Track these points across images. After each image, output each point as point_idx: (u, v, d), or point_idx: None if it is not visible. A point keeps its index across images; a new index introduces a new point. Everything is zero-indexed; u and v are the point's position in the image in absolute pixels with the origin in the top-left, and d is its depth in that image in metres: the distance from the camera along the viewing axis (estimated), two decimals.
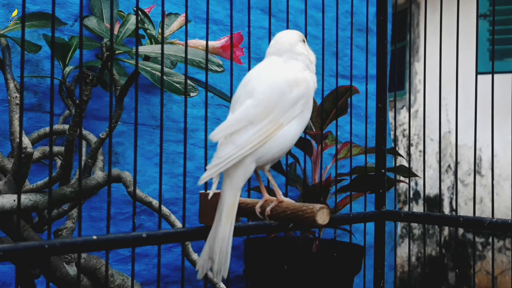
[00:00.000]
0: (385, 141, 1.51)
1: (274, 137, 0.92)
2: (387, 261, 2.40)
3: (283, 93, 0.94)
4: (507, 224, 1.23)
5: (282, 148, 0.94)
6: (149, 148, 1.84)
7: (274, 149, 0.93)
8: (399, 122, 4.77)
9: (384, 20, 1.55)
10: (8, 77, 1.33)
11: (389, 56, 1.72)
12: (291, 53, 1.00)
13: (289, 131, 0.94)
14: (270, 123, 0.92)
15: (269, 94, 0.94)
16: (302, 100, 0.95)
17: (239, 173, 0.92)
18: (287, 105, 0.93)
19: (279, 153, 0.94)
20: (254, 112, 0.92)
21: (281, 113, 0.93)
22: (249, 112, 0.92)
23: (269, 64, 1.00)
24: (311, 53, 1.04)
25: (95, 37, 1.51)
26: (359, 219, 1.42)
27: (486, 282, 3.89)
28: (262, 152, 0.92)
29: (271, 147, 0.92)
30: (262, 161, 0.94)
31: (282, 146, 0.93)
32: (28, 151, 1.17)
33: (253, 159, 0.92)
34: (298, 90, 0.95)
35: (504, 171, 3.80)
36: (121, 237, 0.96)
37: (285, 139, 0.93)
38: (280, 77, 0.96)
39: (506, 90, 1.62)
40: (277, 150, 0.93)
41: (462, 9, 1.41)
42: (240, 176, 0.92)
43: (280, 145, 0.93)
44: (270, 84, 0.95)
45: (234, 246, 2.04)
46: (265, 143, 0.92)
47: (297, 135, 0.96)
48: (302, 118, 0.96)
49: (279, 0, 2.16)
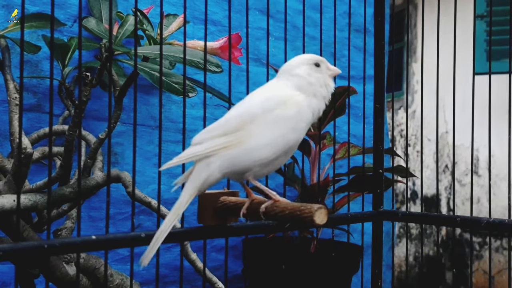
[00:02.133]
0: (383, 142, 1.52)
1: (242, 146, 0.92)
2: (384, 260, 2.40)
3: (265, 109, 0.94)
4: (504, 224, 1.23)
5: (251, 160, 0.93)
6: (148, 149, 1.85)
7: (240, 159, 0.93)
8: (397, 122, 4.78)
9: (382, 21, 1.56)
10: (7, 78, 1.33)
11: (386, 57, 1.73)
12: (286, 75, 1.01)
13: (261, 146, 0.93)
14: (243, 133, 0.93)
15: (251, 107, 0.95)
16: (287, 121, 0.94)
17: (202, 175, 0.94)
18: (266, 121, 0.93)
19: (246, 166, 0.93)
20: (229, 123, 0.95)
21: (257, 127, 0.93)
22: (225, 122, 0.95)
23: (266, 84, 1.03)
24: (316, 76, 1.01)
25: (94, 38, 1.52)
26: (357, 219, 1.42)
27: (484, 282, 3.91)
28: (227, 157, 0.93)
29: (236, 155, 0.93)
30: (230, 169, 0.94)
31: (250, 158, 0.93)
32: (28, 152, 1.17)
33: (219, 164, 0.93)
34: (283, 110, 0.94)
35: (501, 171, 3.81)
36: (120, 237, 0.97)
37: (254, 152, 0.93)
38: (267, 94, 0.98)
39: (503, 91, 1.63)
40: (243, 161, 0.93)
41: (459, 10, 1.42)
42: (202, 179, 0.94)
43: (248, 156, 0.92)
44: (256, 99, 0.97)
45: (232, 246, 2.05)
46: (231, 149, 0.92)
47: (270, 154, 0.94)
48: (282, 138, 0.94)
49: (277, 1, 2.16)
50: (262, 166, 0.94)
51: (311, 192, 1.83)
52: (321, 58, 1.03)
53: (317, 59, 1.02)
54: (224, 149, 0.93)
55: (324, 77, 1.01)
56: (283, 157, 0.97)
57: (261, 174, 0.97)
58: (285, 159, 0.98)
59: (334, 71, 1.04)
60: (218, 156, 0.93)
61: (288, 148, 0.96)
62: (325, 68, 1.03)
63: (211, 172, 0.94)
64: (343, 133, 2.30)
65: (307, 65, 1.01)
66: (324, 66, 1.03)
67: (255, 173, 0.95)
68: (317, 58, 1.03)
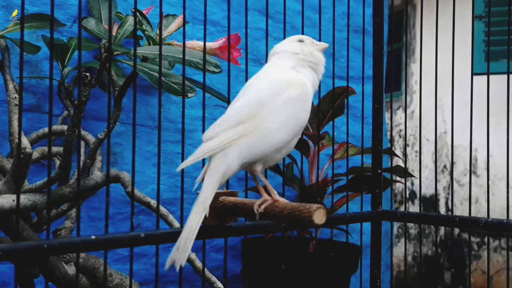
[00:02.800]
0: (381, 142, 1.52)
1: (258, 133, 0.93)
2: (383, 260, 2.41)
3: (273, 93, 0.95)
4: (502, 224, 1.24)
5: (267, 145, 0.93)
6: (147, 149, 1.85)
7: (258, 146, 0.93)
8: (395, 122, 4.79)
9: (381, 22, 1.56)
10: (7, 78, 1.34)
11: (385, 57, 1.73)
12: (277, 54, 1.04)
13: (276, 129, 0.93)
14: (256, 120, 0.93)
15: (259, 94, 0.96)
16: (296, 102, 0.95)
17: (221, 168, 0.93)
18: (276, 105, 0.94)
19: (264, 151, 0.93)
20: (241, 112, 0.95)
21: (269, 112, 0.93)
22: (239, 111, 0.95)
23: (264, 68, 1.04)
24: (300, 48, 1.03)
25: (94, 38, 1.52)
26: (355, 219, 1.43)
27: (482, 282, 3.91)
28: (245, 146, 0.92)
29: (253, 142, 0.93)
30: (248, 159, 0.94)
31: (267, 143, 0.93)
32: (27, 152, 1.17)
33: (237, 154, 0.93)
34: (290, 92, 0.95)
35: (500, 171, 3.81)
36: (119, 237, 0.97)
37: (270, 136, 0.93)
38: (270, 77, 0.99)
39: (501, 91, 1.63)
40: (261, 147, 0.93)
41: (457, 11, 1.42)
42: (221, 171, 0.93)
43: (265, 142, 0.93)
44: (261, 85, 0.98)
45: (231, 246, 2.05)
46: (248, 137, 0.92)
47: (286, 136, 0.95)
48: (294, 119, 0.95)
49: (276, 2, 2.17)
50: (277, 150, 0.95)
51: (310, 192, 1.83)
52: (305, 36, 1.05)
53: (300, 37, 1.05)
54: (241, 138, 0.93)
55: (309, 49, 1.03)
56: (295, 139, 0.98)
57: (276, 160, 0.98)
58: (296, 141, 0.99)
59: (321, 44, 1.06)
60: (234, 146, 0.93)
61: (299, 129, 0.97)
62: (310, 43, 1.05)
63: (230, 163, 0.93)
64: (342, 133, 2.30)
65: (290, 42, 1.04)
66: (308, 41, 1.05)
67: (269, 160, 0.96)
68: (300, 37, 1.05)
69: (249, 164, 0.96)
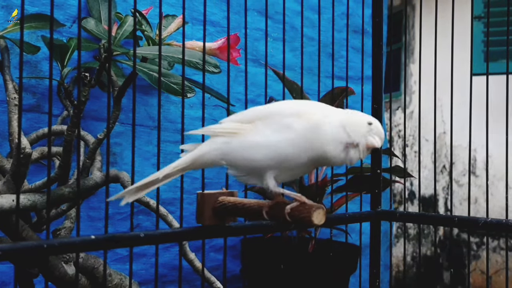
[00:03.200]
0: None
1: (239, 137, 0.92)
2: (382, 260, 2.41)
3: (279, 112, 0.93)
4: (501, 224, 1.24)
5: (237, 154, 0.91)
6: (146, 149, 1.85)
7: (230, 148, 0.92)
8: (395, 123, 4.79)
9: (380, 22, 1.56)
10: (7, 78, 1.34)
11: (384, 58, 1.73)
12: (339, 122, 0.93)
13: (250, 145, 0.91)
14: (247, 126, 0.93)
15: (270, 107, 0.96)
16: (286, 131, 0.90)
17: (203, 148, 0.94)
18: (270, 123, 0.91)
19: (233, 158, 0.92)
20: (248, 114, 0.96)
21: (262, 125, 0.92)
22: (247, 112, 0.96)
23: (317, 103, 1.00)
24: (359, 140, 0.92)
25: (93, 39, 1.52)
26: (355, 219, 1.43)
27: (481, 282, 3.91)
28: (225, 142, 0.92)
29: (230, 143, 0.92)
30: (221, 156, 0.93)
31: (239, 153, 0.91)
32: (27, 152, 1.17)
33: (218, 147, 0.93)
34: (290, 119, 0.90)
35: (499, 171, 3.81)
36: (119, 236, 0.97)
37: (243, 147, 0.91)
38: (295, 102, 1.00)
39: (500, 91, 1.63)
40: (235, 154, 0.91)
41: (457, 11, 1.43)
42: (201, 151, 0.94)
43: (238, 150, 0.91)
44: (278, 104, 0.97)
45: (231, 246, 2.06)
46: (231, 136, 0.92)
47: (257, 156, 0.90)
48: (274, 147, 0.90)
49: (275, 2, 2.17)
50: (250, 167, 0.92)
51: (309, 192, 1.84)
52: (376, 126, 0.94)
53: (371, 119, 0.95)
54: (229, 135, 0.93)
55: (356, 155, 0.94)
56: (275, 170, 0.91)
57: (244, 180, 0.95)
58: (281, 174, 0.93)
59: (372, 143, 0.94)
60: (222, 139, 0.93)
61: (280, 161, 0.90)
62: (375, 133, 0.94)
63: (209, 150, 0.94)
64: None
65: (359, 125, 0.93)
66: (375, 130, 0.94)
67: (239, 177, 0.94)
68: (371, 119, 0.95)
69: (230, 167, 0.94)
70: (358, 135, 0.92)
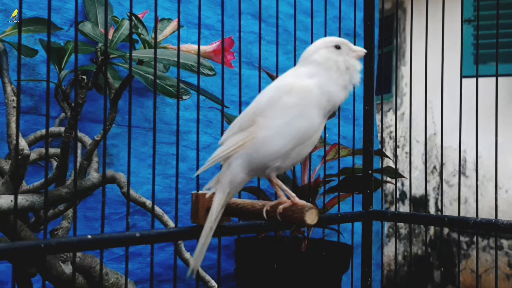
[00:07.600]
0: (372, 143, 1.54)
1: (256, 141, 0.90)
2: (374, 259, 2.43)
3: (271, 100, 0.92)
4: (491, 224, 1.25)
5: (264, 154, 0.90)
6: (142, 150, 1.87)
7: (256, 155, 0.90)
8: (386, 124, 4.82)
9: (371, 25, 1.58)
10: (5, 81, 1.35)
11: (376, 60, 1.76)
12: (305, 62, 0.96)
13: (271, 137, 0.89)
14: (254, 128, 0.91)
15: (259, 100, 0.95)
16: (292, 109, 0.90)
17: (227, 177, 0.94)
18: (272, 112, 0.91)
19: (262, 160, 0.90)
20: (243, 118, 0.94)
21: (265, 119, 0.91)
22: (241, 118, 0.95)
23: (285, 72, 0.99)
24: (335, 60, 0.93)
25: (90, 42, 1.54)
26: (347, 218, 1.44)
27: (471, 280, 3.95)
28: (245, 155, 0.91)
29: (252, 151, 0.90)
30: (251, 167, 0.91)
31: (264, 152, 0.90)
32: (25, 153, 1.18)
33: (240, 163, 0.92)
34: (286, 98, 0.90)
35: (488, 172, 3.85)
36: (115, 236, 0.98)
37: (266, 144, 0.89)
38: (275, 84, 0.95)
39: (490, 93, 1.66)
40: (258, 155, 0.90)
41: (447, 15, 1.44)
42: (227, 182, 0.93)
43: (262, 150, 0.90)
44: (265, 91, 0.96)
45: (225, 245, 2.07)
46: (247, 146, 0.91)
47: (283, 143, 0.89)
48: (290, 126, 0.89)
49: (269, 6, 2.19)
50: (281, 159, 0.90)
51: (302, 192, 1.85)
52: (343, 40, 0.95)
53: (337, 41, 0.94)
54: (242, 147, 0.91)
55: (345, 60, 0.94)
56: (300, 147, 0.91)
57: (285, 167, 0.93)
58: (304, 148, 0.92)
59: (358, 51, 0.96)
60: (237, 155, 0.91)
61: (301, 136, 0.90)
62: (347, 49, 0.95)
63: (235, 173, 0.92)
64: (334, 134, 2.33)
65: (326, 48, 0.94)
66: (346, 48, 0.95)
67: (278, 168, 0.92)
68: (337, 40, 0.95)
69: (259, 172, 0.93)
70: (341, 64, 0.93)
